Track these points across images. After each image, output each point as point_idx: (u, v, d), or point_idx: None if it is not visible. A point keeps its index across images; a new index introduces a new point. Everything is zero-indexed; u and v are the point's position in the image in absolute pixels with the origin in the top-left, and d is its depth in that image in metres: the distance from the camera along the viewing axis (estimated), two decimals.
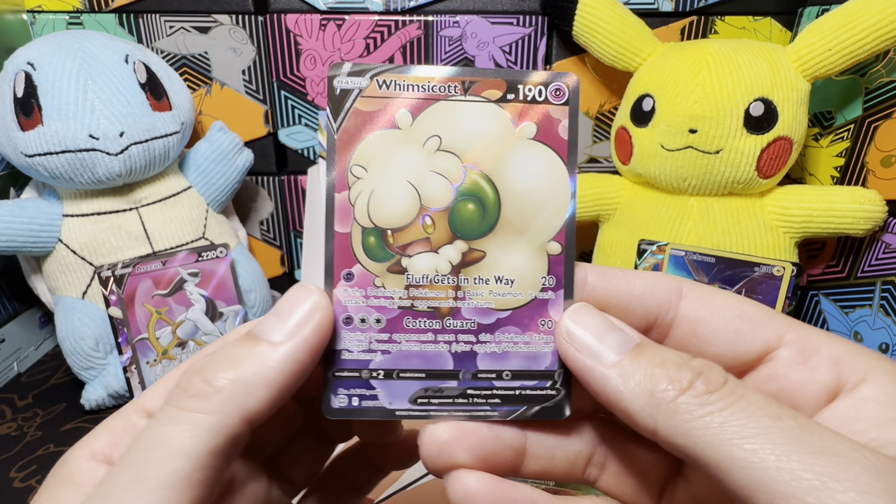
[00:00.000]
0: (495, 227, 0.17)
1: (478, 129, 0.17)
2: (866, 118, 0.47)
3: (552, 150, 0.17)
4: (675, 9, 0.55)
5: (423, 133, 0.17)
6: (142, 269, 0.45)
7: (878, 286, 0.46)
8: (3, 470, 0.41)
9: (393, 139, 0.17)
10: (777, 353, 0.17)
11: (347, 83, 0.17)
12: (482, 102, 0.17)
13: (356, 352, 0.18)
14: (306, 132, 0.60)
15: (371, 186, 0.17)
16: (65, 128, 0.43)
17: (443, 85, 0.17)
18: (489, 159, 0.17)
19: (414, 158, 0.17)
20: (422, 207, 0.17)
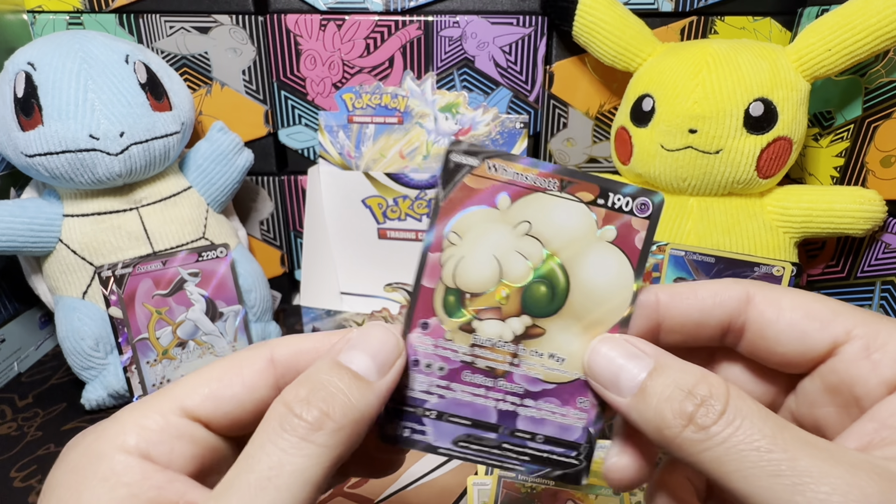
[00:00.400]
0: (560, 310, 0.20)
1: (565, 224, 0.19)
2: (866, 118, 0.47)
3: (625, 255, 0.20)
4: (674, 9, 0.55)
5: (516, 217, 0.19)
6: (142, 269, 0.45)
7: (877, 286, 0.46)
8: (3, 470, 0.41)
9: (489, 217, 0.19)
10: (843, 347, 0.17)
11: (461, 159, 0.19)
12: (574, 202, 0.19)
13: (417, 391, 0.20)
14: (306, 132, 0.60)
15: (461, 253, 0.19)
16: (65, 128, 0.43)
17: (543, 179, 0.19)
18: (569, 252, 0.19)
19: (504, 237, 0.19)
20: (501, 281, 0.20)
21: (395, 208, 0.56)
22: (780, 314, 0.18)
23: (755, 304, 0.18)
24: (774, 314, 0.18)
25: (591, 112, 0.59)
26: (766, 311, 0.18)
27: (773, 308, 0.18)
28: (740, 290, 0.19)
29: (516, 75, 0.57)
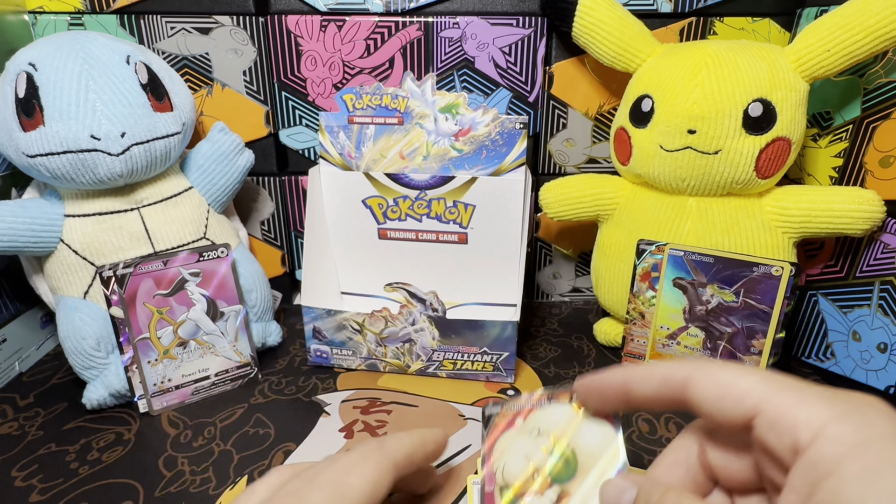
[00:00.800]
0: (577, 472, 0.27)
1: (558, 419, 0.29)
2: (865, 119, 0.47)
3: (605, 420, 0.28)
4: (674, 10, 0.55)
5: (529, 427, 0.29)
6: (143, 268, 0.45)
7: (876, 286, 0.46)
8: (4, 469, 0.41)
9: (515, 433, 0.30)
10: (755, 421, 0.21)
11: (491, 411, 0.31)
12: (560, 404, 0.29)
13: None
14: (307, 133, 0.60)
15: (503, 462, 0.29)
16: (66, 128, 0.43)
17: (538, 400, 0.30)
18: (568, 434, 0.28)
19: (526, 442, 0.29)
20: (533, 469, 0.28)
21: (395, 208, 0.56)
22: (707, 394, 0.22)
23: (691, 386, 0.23)
24: (703, 395, 0.22)
25: (591, 113, 0.60)
26: (697, 393, 0.22)
27: (702, 390, 0.22)
28: (681, 376, 0.23)
29: (516, 76, 0.57)
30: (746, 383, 0.21)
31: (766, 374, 0.21)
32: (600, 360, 0.55)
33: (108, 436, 0.44)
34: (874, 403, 0.19)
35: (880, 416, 0.19)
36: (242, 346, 0.51)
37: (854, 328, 0.47)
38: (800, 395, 0.20)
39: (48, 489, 0.39)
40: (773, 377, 0.21)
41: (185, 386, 0.48)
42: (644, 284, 0.50)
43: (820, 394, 0.20)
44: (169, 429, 0.45)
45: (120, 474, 0.40)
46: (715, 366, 0.23)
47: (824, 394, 0.20)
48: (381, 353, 0.51)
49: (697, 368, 0.23)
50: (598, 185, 0.54)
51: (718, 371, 0.22)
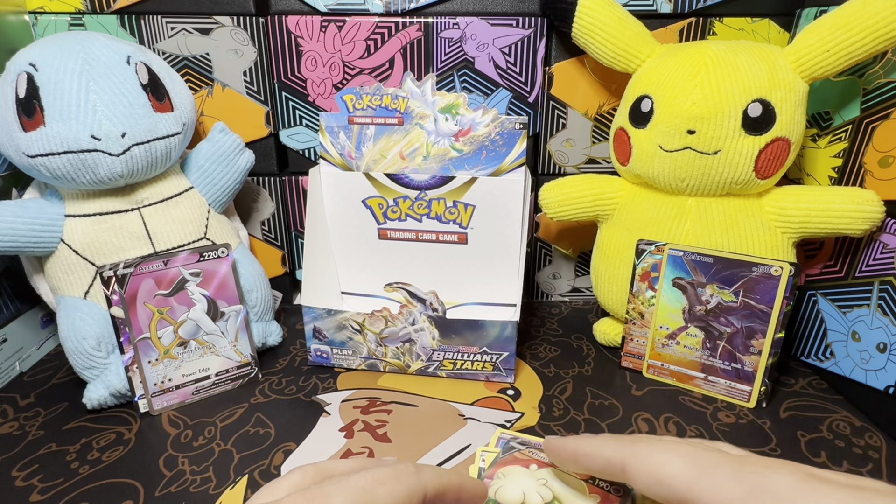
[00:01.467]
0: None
1: (568, 487, 0.31)
2: (864, 119, 0.47)
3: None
4: (673, 10, 0.55)
5: (539, 476, 0.32)
6: (143, 268, 0.45)
7: (875, 286, 0.46)
8: (4, 469, 0.41)
9: (524, 472, 0.33)
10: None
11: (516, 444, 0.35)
12: (574, 477, 0.31)
13: None
14: (307, 133, 0.60)
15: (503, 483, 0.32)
16: (67, 128, 0.43)
17: None
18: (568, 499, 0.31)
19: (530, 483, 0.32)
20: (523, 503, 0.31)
21: (395, 209, 0.56)
22: (641, 480, 0.24)
23: (628, 472, 0.25)
24: (638, 480, 0.25)
25: (591, 113, 0.60)
26: (633, 478, 0.25)
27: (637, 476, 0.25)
28: (619, 461, 0.26)
29: (516, 76, 0.57)
30: (672, 471, 0.23)
31: (690, 457, 0.24)
32: (600, 360, 0.55)
33: (109, 435, 0.44)
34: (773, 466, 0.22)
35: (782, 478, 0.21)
36: (243, 345, 0.51)
37: (853, 328, 0.48)
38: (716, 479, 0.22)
39: (48, 489, 0.39)
40: (696, 459, 0.23)
41: (185, 386, 0.48)
42: (643, 284, 0.50)
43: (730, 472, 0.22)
44: (169, 428, 0.45)
45: (120, 474, 0.40)
46: (648, 450, 0.25)
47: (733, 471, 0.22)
48: (382, 353, 0.51)
49: (632, 454, 0.25)
50: (597, 185, 0.54)
51: (650, 456, 0.25)
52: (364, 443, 0.43)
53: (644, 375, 0.52)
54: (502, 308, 0.57)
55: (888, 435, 0.43)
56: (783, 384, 0.50)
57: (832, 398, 0.48)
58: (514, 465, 0.33)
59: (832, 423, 0.45)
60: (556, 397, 0.49)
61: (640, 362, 0.52)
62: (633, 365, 0.53)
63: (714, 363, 0.48)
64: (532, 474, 0.32)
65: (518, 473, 0.32)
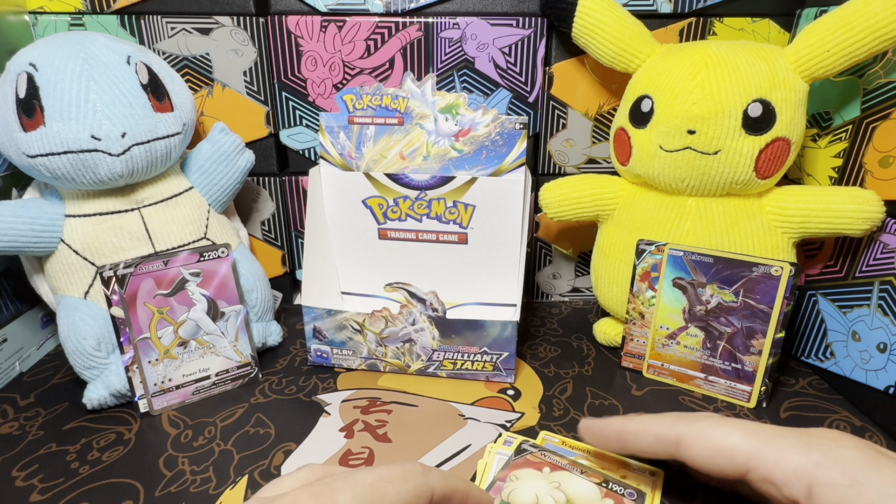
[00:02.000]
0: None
1: (581, 490, 0.31)
2: (864, 119, 0.47)
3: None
4: (673, 10, 0.55)
5: (552, 479, 0.32)
6: (144, 269, 0.45)
7: (875, 286, 0.46)
8: (4, 469, 0.41)
9: (536, 475, 0.33)
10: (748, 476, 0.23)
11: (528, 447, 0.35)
12: (587, 481, 0.32)
13: None
14: (307, 133, 0.60)
15: (515, 486, 0.32)
16: (67, 128, 0.43)
17: (571, 465, 0.33)
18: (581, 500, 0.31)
19: (543, 486, 0.32)
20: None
21: (395, 209, 0.56)
22: (699, 454, 0.24)
23: (684, 447, 0.25)
24: (695, 455, 0.24)
25: (591, 113, 0.60)
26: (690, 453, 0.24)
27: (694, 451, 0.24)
28: (674, 436, 0.25)
29: (516, 76, 0.57)
30: (733, 441, 0.23)
31: (750, 429, 0.24)
32: (600, 360, 0.55)
33: (109, 435, 0.44)
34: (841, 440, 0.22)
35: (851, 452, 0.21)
36: (243, 345, 0.51)
37: (853, 328, 0.47)
38: (781, 448, 0.22)
39: (49, 489, 0.39)
40: (757, 431, 0.23)
41: (185, 386, 0.48)
42: (644, 284, 0.50)
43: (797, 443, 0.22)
44: (169, 428, 0.45)
45: (120, 474, 0.40)
46: (703, 424, 0.25)
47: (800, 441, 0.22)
48: (382, 353, 0.51)
49: (688, 428, 0.25)
50: (597, 185, 0.54)
51: (707, 430, 0.24)
52: (364, 443, 0.43)
53: (644, 375, 0.52)
54: (502, 308, 0.57)
55: (888, 435, 0.43)
56: (783, 384, 0.50)
57: (832, 398, 0.48)
58: (526, 467, 0.33)
59: (832, 423, 0.45)
60: (556, 397, 0.49)
61: (641, 362, 0.52)
62: (633, 365, 0.53)
63: (714, 363, 0.48)
64: (545, 477, 0.32)
65: (530, 476, 0.32)
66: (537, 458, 0.33)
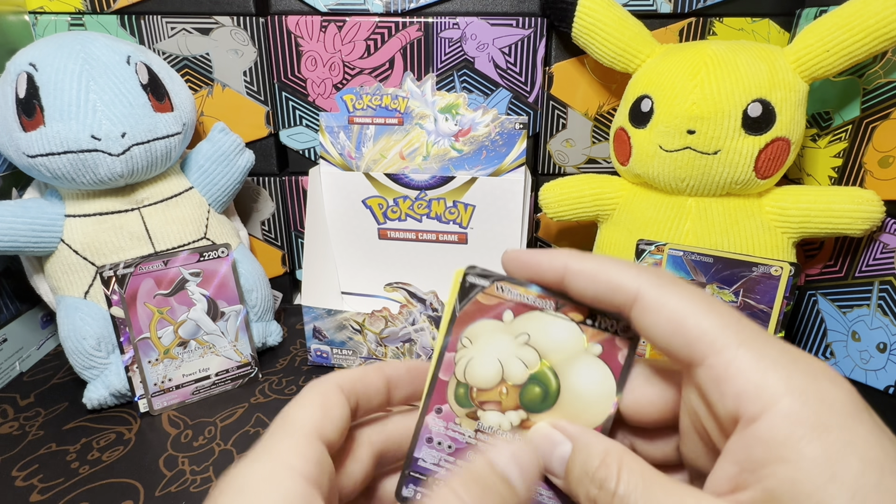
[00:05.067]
0: (551, 409, 0.23)
1: (558, 338, 0.23)
2: (864, 119, 0.47)
3: (609, 369, 0.23)
4: (673, 10, 0.55)
5: (517, 329, 0.23)
6: (144, 268, 0.45)
7: (875, 286, 0.46)
8: (4, 469, 0.41)
9: (496, 327, 0.23)
10: (698, 371, 0.18)
11: (475, 280, 0.24)
12: (566, 320, 0.23)
13: (429, 462, 0.24)
14: (307, 133, 0.60)
15: (471, 355, 0.23)
16: (67, 128, 0.43)
17: (541, 300, 0.23)
18: (560, 360, 0.23)
19: (507, 345, 0.23)
20: (502, 380, 0.23)
21: (395, 209, 0.56)
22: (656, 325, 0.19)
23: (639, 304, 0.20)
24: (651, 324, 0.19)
25: (591, 113, 0.60)
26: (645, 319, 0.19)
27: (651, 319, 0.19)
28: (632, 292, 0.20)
29: (516, 76, 0.57)
30: (702, 325, 0.18)
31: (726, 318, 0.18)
32: None
33: (109, 435, 0.44)
34: (835, 378, 0.17)
35: (840, 393, 0.17)
36: (243, 345, 0.51)
37: (853, 328, 0.48)
38: (758, 358, 0.17)
39: (49, 489, 0.39)
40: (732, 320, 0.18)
41: (185, 386, 0.48)
42: None
43: (779, 360, 0.17)
44: (169, 428, 0.45)
45: (120, 474, 0.40)
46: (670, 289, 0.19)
47: (784, 360, 0.17)
48: (382, 353, 0.51)
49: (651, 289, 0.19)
50: (597, 185, 0.54)
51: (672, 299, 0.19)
52: None
53: None
54: None
55: None
56: None
57: None
58: (479, 318, 0.23)
59: None
60: None
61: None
62: None
63: None
64: (507, 329, 0.23)
65: (487, 333, 0.23)
66: (493, 296, 0.23)
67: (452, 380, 0.24)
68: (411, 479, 0.24)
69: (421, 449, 0.24)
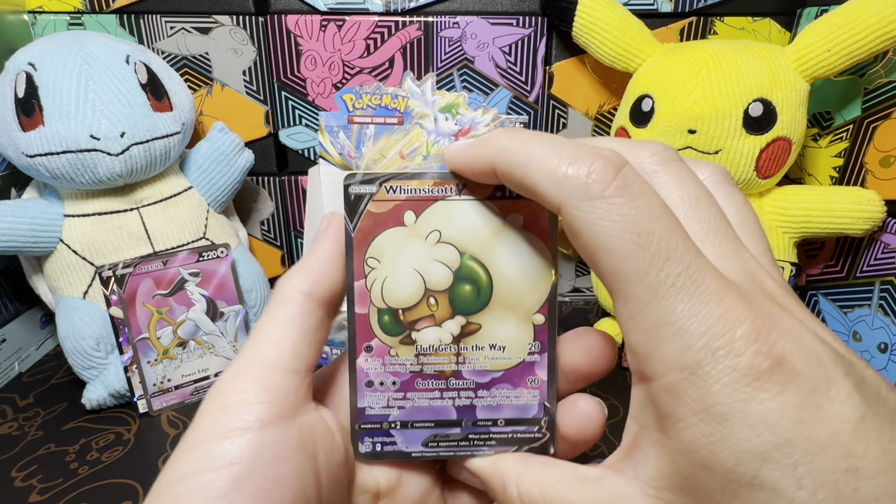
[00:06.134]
0: (489, 304, 0.21)
1: (471, 223, 0.20)
2: (865, 118, 0.47)
3: (535, 236, 0.20)
4: (674, 9, 0.55)
5: (425, 229, 0.20)
6: (143, 269, 0.45)
7: (876, 286, 0.46)
8: (4, 469, 0.41)
9: (401, 235, 0.20)
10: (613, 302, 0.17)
11: (360, 189, 0.20)
12: (474, 200, 0.20)
13: (377, 408, 0.22)
14: (307, 132, 0.60)
15: (384, 274, 0.21)
16: (66, 128, 0.43)
17: (440, 187, 0.20)
18: (482, 247, 0.20)
19: (419, 250, 0.20)
20: (427, 290, 0.21)
21: None
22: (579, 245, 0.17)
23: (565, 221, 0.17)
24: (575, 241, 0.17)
25: (591, 112, 0.60)
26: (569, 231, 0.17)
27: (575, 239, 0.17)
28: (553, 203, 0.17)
29: (516, 76, 0.57)
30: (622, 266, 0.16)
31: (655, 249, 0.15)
32: None
33: (108, 436, 0.44)
34: None
35: None
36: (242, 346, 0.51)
37: (854, 328, 0.47)
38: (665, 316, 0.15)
39: (48, 489, 0.39)
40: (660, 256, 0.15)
41: (184, 386, 0.48)
42: None
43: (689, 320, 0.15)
44: (168, 429, 0.45)
45: (120, 474, 0.40)
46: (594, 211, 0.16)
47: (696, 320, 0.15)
48: None
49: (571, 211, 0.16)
50: None
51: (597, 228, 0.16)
52: None
53: None
54: None
55: None
56: None
57: None
58: (380, 229, 0.20)
59: None
60: None
61: None
62: None
63: None
64: (413, 232, 0.20)
65: (393, 245, 0.20)
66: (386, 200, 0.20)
67: (372, 309, 0.21)
68: (365, 433, 0.22)
69: (363, 397, 0.22)
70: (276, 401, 0.18)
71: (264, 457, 0.17)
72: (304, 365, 0.20)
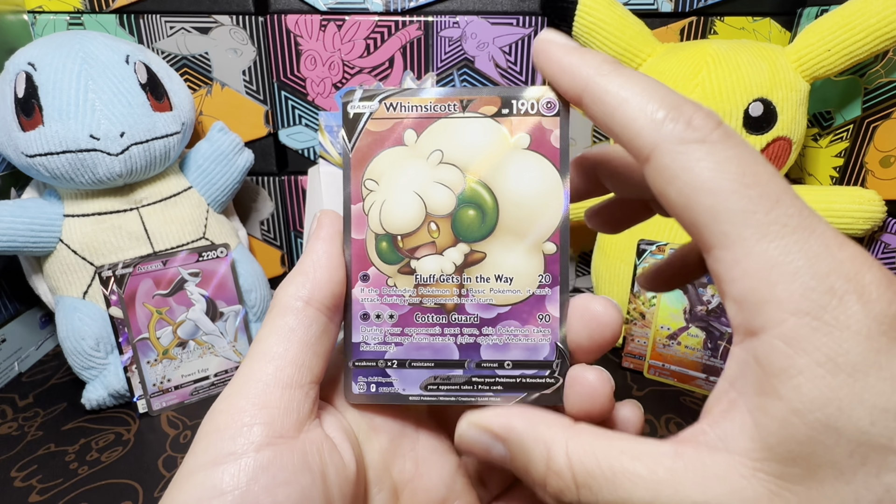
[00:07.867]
0: (494, 230, 0.19)
1: (476, 143, 0.19)
2: (865, 118, 0.47)
3: (545, 158, 0.19)
4: (674, 9, 0.55)
5: (427, 148, 0.19)
6: (142, 269, 0.45)
7: None
8: (3, 470, 0.41)
9: (401, 155, 0.19)
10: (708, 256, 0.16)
11: (359, 107, 0.19)
12: (479, 118, 0.19)
13: (373, 344, 0.20)
14: (306, 132, 0.60)
15: (382, 197, 0.19)
16: (65, 128, 0.43)
17: (443, 104, 0.19)
18: (487, 169, 0.19)
19: (419, 171, 0.19)
20: (427, 215, 0.19)
21: None
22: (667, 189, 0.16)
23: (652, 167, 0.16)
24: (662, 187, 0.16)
25: None
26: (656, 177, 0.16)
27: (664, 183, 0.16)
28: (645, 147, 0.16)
29: (516, 76, 0.57)
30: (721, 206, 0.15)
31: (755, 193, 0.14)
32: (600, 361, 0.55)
33: (108, 436, 0.44)
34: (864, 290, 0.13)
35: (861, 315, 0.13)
36: (242, 346, 0.51)
37: None
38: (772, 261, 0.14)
39: (47, 489, 0.39)
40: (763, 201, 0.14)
41: (184, 386, 0.48)
42: None
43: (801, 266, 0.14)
44: (168, 429, 0.45)
45: (119, 474, 0.40)
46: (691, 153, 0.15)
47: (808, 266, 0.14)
48: None
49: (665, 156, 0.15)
50: None
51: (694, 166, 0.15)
52: None
53: (645, 376, 0.52)
54: None
55: None
56: None
57: None
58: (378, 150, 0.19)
59: None
60: None
61: (641, 363, 0.52)
62: (633, 365, 0.53)
63: (715, 363, 0.48)
64: (414, 152, 0.19)
65: (393, 166, 0.19)
66: (385, 118, 0.19)
67: (369, 235, 0.19)
68: (360, 371, 0.20)
69: (358, 331, 0.20)
70: (274, 420, 0.17)
71: (261, 483, 0.16)
72: (309, 377, 0.18)
